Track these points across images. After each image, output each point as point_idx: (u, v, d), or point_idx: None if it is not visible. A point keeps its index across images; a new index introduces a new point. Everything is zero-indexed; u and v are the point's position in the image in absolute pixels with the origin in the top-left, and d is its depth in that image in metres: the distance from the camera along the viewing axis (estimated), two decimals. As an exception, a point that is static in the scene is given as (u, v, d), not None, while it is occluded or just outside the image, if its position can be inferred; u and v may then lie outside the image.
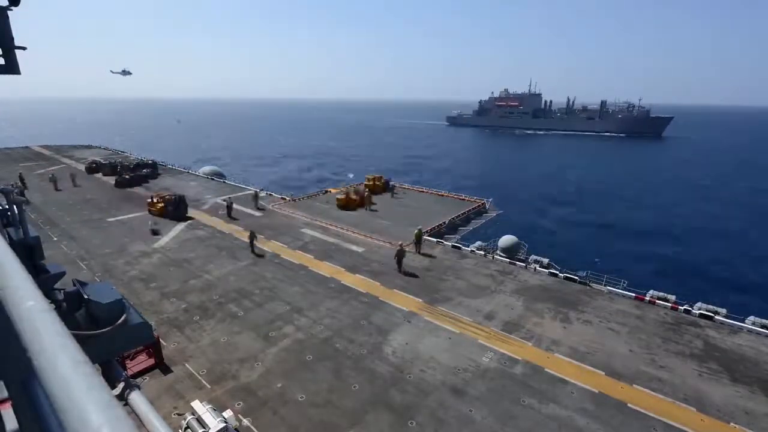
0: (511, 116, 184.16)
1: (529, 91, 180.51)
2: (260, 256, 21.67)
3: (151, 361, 12.73)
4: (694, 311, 16.64)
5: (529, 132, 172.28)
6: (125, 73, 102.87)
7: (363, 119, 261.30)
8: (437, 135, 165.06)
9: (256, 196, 31.82)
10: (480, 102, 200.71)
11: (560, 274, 20.12)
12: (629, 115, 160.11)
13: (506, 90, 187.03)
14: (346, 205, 31.03)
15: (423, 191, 38.18)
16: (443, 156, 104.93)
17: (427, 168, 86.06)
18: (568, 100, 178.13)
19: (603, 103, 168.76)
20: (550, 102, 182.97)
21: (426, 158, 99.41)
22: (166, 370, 12.68)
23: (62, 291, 3.43)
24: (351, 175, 68.94)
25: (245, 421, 10.78)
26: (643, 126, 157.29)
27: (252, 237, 22.25)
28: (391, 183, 38.27)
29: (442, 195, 36.49)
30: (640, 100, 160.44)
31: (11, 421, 1.60)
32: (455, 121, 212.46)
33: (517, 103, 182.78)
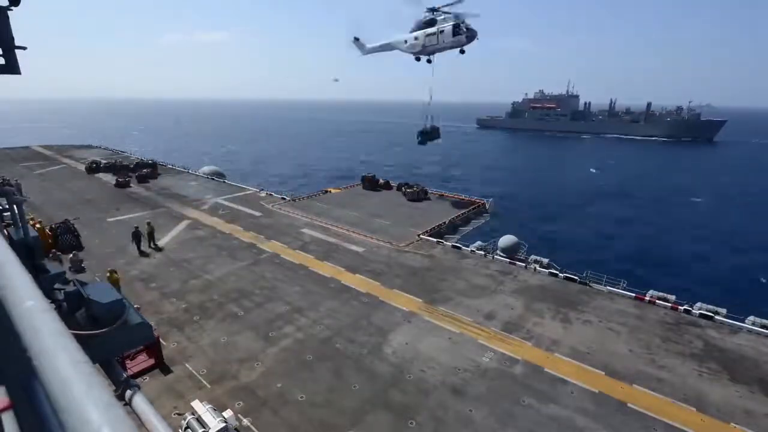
0: (548, 119, 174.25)
1: (567, 92, 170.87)
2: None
3: (151, 361, 12.73)
4: (694, 311, 16.63)
5: (559, 135, 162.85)
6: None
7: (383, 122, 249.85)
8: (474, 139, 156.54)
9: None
10: (513, 104, 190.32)
11: (560, 274, 20.11)
12: (678, 118, 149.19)
13: (541, 91, 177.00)
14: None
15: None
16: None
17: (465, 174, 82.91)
18: (611, 101, 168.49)
19: (648, 105, 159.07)
20: (589, 104, 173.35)
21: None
22: (166, 370, 12.67)
23: (62, 291, 3.42)
24: None
25: (245, 421, 10.78)
26: (692, 130, 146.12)
27: None
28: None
29: (443, 195, 36.47)
30: (690, 102, 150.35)
31: (11, 422, 1.60)
32: (486, 124, 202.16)
33: (554, 105, 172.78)
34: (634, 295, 18.03)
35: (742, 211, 57.69)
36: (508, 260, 22.29)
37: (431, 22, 26.47)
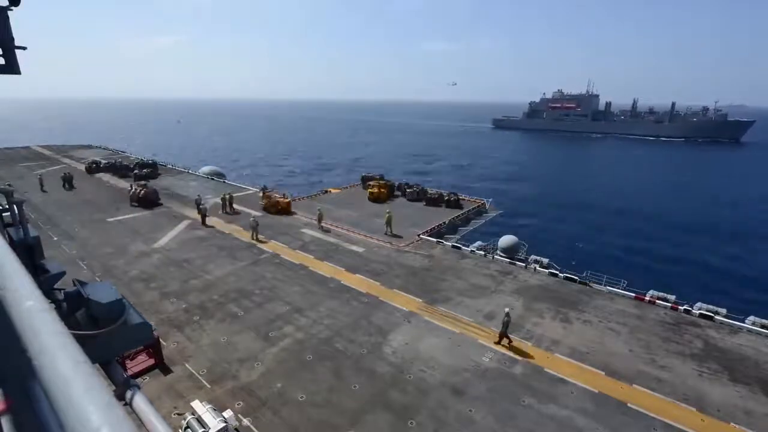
0: (567, 119, 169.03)
1: (587, 91, 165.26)
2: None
3: (151, 361, 12.71)
4: (694, 311, 16.64)
5: (573, 134, 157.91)
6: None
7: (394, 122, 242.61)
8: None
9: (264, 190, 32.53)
10: (530, 104, 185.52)
11: (560, 274, 20.11)
12: (704, 118, 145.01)
13: (560, 90, 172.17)
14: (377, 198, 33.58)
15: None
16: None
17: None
18: (634, 101, 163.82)
19: (673, 105, 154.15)
20: (610, 103, 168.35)
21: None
22: (166, 370, 12.66)
23: (62, 291, 3.42)
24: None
25: (245, 421, 10.78)
26: (719, 131, 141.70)
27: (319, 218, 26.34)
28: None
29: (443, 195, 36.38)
30: (716, 102, 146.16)
31: (11, 422, 1.60)
32: (502, 124, 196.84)
33: (574, 105, 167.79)
34: (634, 295, 18.04)
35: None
36: (508, 260, 22.29)
37: None
